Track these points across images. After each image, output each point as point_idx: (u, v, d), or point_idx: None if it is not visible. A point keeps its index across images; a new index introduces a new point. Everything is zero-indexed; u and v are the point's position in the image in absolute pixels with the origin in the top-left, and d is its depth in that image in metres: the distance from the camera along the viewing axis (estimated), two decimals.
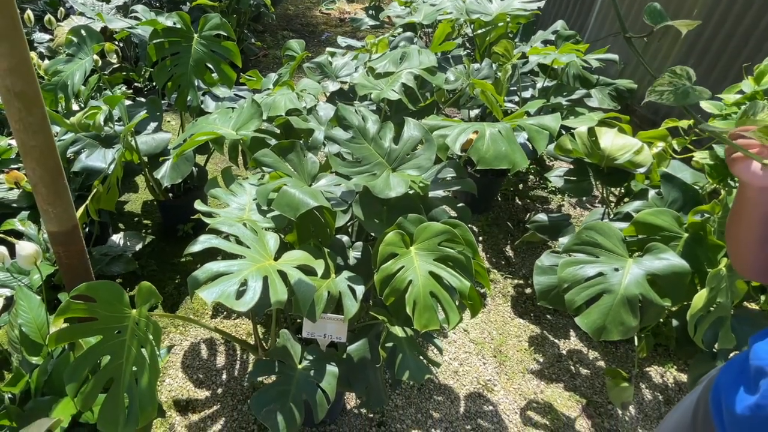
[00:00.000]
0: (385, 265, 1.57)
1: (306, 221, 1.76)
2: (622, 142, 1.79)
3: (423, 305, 1.53)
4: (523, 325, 2.80)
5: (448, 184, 1.77)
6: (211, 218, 1.65)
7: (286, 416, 1.62)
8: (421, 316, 1.53)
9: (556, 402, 2.42)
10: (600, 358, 2.64)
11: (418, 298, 1.53)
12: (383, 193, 1.57)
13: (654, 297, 1.76)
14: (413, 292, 1.54)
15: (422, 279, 1.55)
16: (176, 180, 2.52)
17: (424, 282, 1.55)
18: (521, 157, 1.65)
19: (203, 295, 1.27)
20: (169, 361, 2.46)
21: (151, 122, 2.63)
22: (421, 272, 1.56)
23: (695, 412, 1.15)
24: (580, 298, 1.83)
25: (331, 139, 1.77)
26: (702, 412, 1.12)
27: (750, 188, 0.99)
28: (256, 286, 1.32)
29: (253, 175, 2.04)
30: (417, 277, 1.56)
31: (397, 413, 2.31)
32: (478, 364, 2.58)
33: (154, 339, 1.33)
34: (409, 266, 1.57)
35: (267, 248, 1.53)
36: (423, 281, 1.55)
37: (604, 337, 1.80)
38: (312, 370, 1.71)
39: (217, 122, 2.26)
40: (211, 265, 1.40)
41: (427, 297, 1.54)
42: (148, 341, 1.33)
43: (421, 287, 1.54)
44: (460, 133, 1.71)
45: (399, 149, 1.73)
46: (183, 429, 2.19)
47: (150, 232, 3.18)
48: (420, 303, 1.53)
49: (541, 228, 2.34)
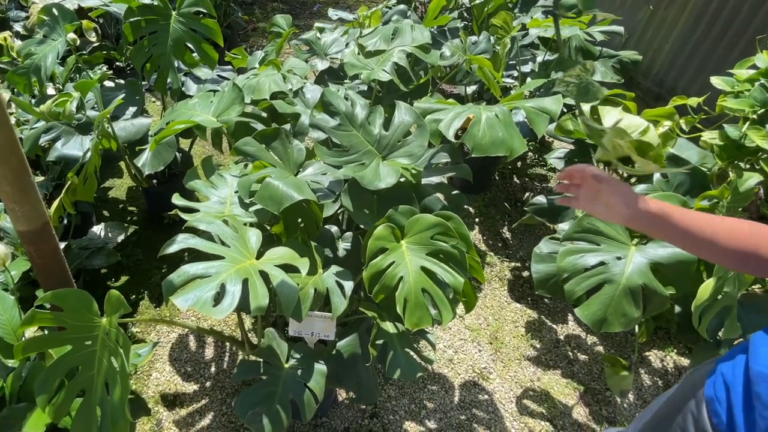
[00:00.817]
0: (374, 261, 1.48)
1: (292, 214, 1.66)
2: (627, 122, 1.68)
3: (414, 303, 1.45)
4: (520, 309, 2.73)
5: (443, 170, 1.67)
6: (190, 214, 1.55)
7: (273, 418, 1.54)
8: (412, 315, 1.45)
9: (553, 389, 2.36)
10: (598, 343, 2.57)
11: (409, 296, 1.45)
12: (372, 185, 1.47)
13: (658, 287, 1.68)
14: (404, 289, 1.46)
15: (414, 275, 1.47)
16: (158, 168, 2.41)
17: (416, 278, 1.46)
18: (519, 143, 1.54)
19: (177, 302, 1.18)
20: (156, 354, 2.38)
21: (130, 106, 2.50)
22: (413, 268, 1.47)
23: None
24: (581, 289, 1.75)
25: (317, 127, 1.66)
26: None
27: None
28: (235, 290, 1.23)
29: (236, 164, 1.93)
30: (408, 273, 1.47)
31: (390, 404, 2.25)
32: (473, 352, 2.51)
33: (124, 351, 1.24)
34: (400, 262, 1.48)
35: (248, 247, 1.44)
36: (414, 277, 1.46)
37: (604, 329, 1.72)
38: (299, 369, 1.63)
39: (196, 108, 2.14)
40: (187, 267, 1.30)
41: (418, 294, 1.46)
42: (119, 353, 1.24)
43: (412, 284, 1.46)
44: (455, 118, 1.60)
45: (389, 136, 1.62)
46: (171, 425, 2.13)
47: (135, 219, 3.08)
48: (411, 300, 1.45)
49: (539, 211, 2.25)
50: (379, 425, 2.17)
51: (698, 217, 1.01)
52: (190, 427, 2.12)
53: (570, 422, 2.24)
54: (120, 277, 2.71)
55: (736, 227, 0.97)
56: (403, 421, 2.20)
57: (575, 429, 2.21)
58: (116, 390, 1.22)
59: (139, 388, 2.25)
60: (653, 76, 3.42)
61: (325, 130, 1.63)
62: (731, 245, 0.96)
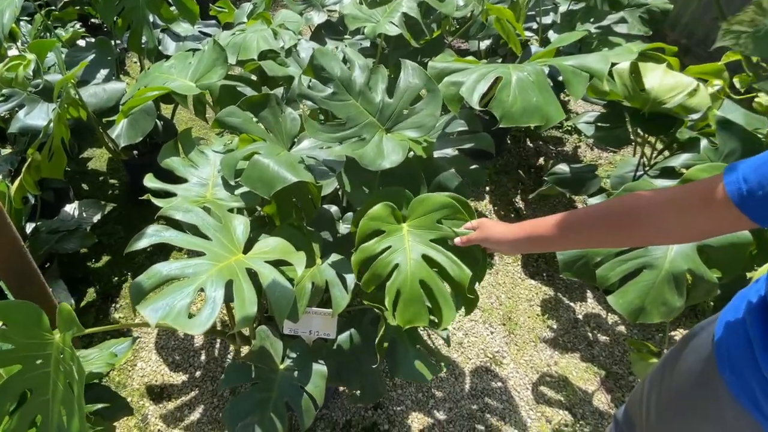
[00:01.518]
0: (366, 244, 1.24)
1: (286, 195, 1.43)
2: (673, 81, 1.44)
3: (409, 296, 1.21)
4: (535, 286, 2.53)
5: (459, 140, 1.43)
6: (164, 199, 1.32)
7: (266, 429, 1.35)
8: (405, 310, 1.21)
9: (571, 375, 2.18)
10: (620, 322, 2.38)
11: (404, 287, 1.21)
12: (375, 164, 1.22)
13: (705, 272, 1.47)
14: (398, 279, 1.22)
15: (413, 264, 1.23)
16: (135, 139, 2.15)
17: (415, 268, 1.22)
18: (556, 110, 1.29)
19: (145, 314, 0.96)
20: (141, 342, 2.19)
21: (101, 69, 2.23)
22: (413, 255, 1.23)
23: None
24: (615, 274, 1.54)
25: (306, 97, 1.40)
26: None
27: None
28: (216, 296, 1.02)
29: (219, 137, 1.69)
30: (406, 260, 1.23)
31: (396, 393, 2.07)
32: (485, 334, 2.32)
33: (79, 378, 1.03)
34: (398, 247, 1.24)
35: (234, 239, 1.21)
36: (413, 267, 1.22)
37: (641, 319, 1.52)
38: (296, 370, 1.43)
39: (173, 71, 1.87)
40: (160, 266, 1.08)
41: (415, 286, 1.22)
42: (74, 378, 1.03)
43: (409, 274, 1.22)
44: (479, 80, 1.33)
45: (394, 104, 1.36)
46: (157, 420, 1.94)
47: (117, 194, 2.83)
48: (405, 293, 1.21)
49: (561, 181, 2.02)
50: (384, 417, 1.99)
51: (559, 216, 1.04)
52: (178, 422, 1.94)
53: (590, 410, 2.06)
54: (101, 257, 2.48)
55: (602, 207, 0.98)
56: (410, 412, 2.02)
57: (596, 418, 2.04)
58: (74, 421, 1.01)
59: (123, 381, 2.06)
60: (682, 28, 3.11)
61: (316, 101, 1.37)
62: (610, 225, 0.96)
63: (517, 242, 1.11)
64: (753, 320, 0.95)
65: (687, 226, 0.87)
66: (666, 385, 1.23)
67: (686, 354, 1.17)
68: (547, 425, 2.01)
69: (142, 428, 1.92)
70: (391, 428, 1.96)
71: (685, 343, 1.20)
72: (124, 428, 1.91)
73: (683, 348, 1.19)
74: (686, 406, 1.14)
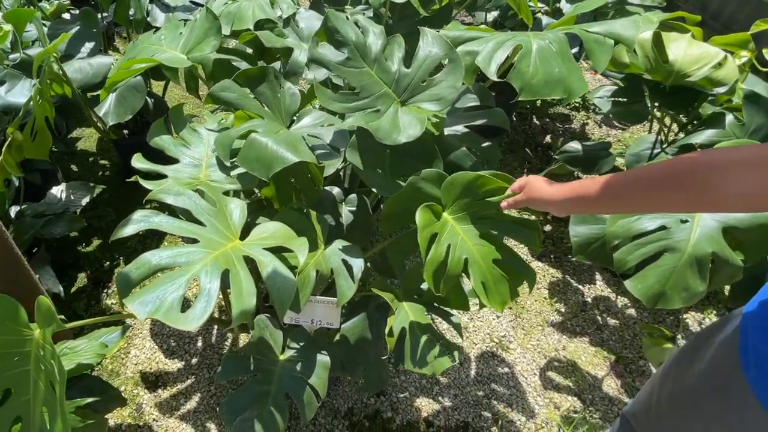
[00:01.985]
0: (431, 255, 1.17)
1: (286, 177, 1.33)
2: (699, 52, 1.34)
3: (492, 279, 1.20)
4: (542, 269, 2.45)
5: (471, 116, 1.33)
6: (154, 181, 1.22)
7: (266, 423, 1.27)
8: (495, 294, 1.21)
9: (580, 359, 2.12)
10: (630, 305, 2.31)
11: (484, 275, 1.19)
12: (390, 138, 1.13)
13: (730, 255, 1.39)
14: (475, 270, 1.18)
15: (477, 249, 1.20)
16: (124, 117, 2.04)
17: (481, 251, 1.20)
18: (579, 82, 1.19)
19: (133, 309, 0.87)
20: (135, 329, 2.10)
21: (87, 42, 2.10)
22: (473, 241, 1.20)
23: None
24: (634, 258, 1.46)
25: (318, 62, 1.29)
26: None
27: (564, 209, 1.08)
28: (212, 287, 0.93)
29: (213, 114, 1.58)
30: (470, 249, 1.19)
31: (399, 380, 2.00)
32: (490, 318, 2.25)
33: (60, 378, 0.94)
34: (455, 241, 1.19)
35: (230, 224, 1.12)
36: (479, 251, 1.20)
37: (661, 305, 1.45)
38: (298, 362, 1.35)
39: (162, 42, 1.75)
40: (150, 255, 0.99)
41: (492, 268, 1.20)
42: (57, 381, 0.94)
43: (480, 260, 1.19)
44: (496, 49, 1.22)
45: (411, 74, 1.25)
46: (152, 409, 1.87)
47: (108, 175, 2.72)
48: (488, 279, 1.19)
49: (572, 159, 1.92)
50: (387, 404, 1.92)
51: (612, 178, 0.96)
52: (174, 411, 1.87)
53: (600, 396, 2.00)
54: (91, 241, 2.38)
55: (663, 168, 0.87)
56: (414, 399, 1.95)
57: (606, 404, 1.98)
58: (57, 423, 0.92)
59: (116, 369, 1.98)
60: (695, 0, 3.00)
61: (329, 67, 1.26)
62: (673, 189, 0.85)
63: (564, 203, 1.05)
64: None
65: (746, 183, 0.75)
66: (681, 380, 1.16)
67: (707, 349, 1.10)
68: (556, 411, 1.94)
69: (136, 418, 1.84)
70: (395, 416, 1.89)
71: (706, 337, 1.12)
72: (118, 418, 1.84)
73: (704, 342, 1.12)
74: (701, 403, 1.07)
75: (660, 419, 1.22)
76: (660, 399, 1.21)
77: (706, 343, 1.11)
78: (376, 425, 1.86)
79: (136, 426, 1.82)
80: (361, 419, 1.87)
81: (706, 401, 1.05)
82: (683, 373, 1.15)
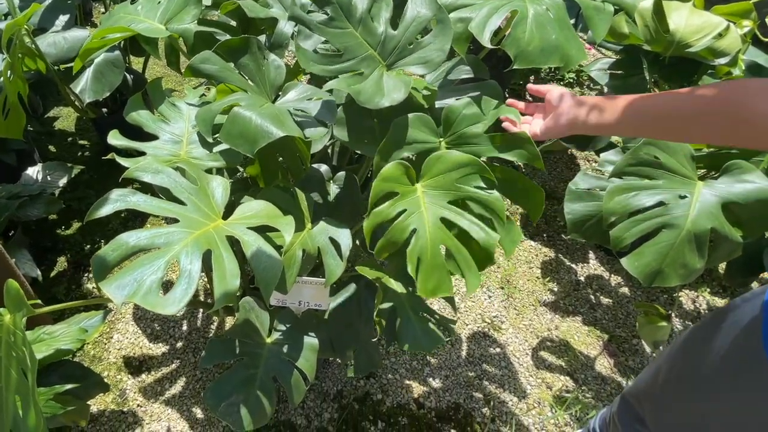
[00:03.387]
0: (379, 208, 1.11)
1: (271, 153, 1.27)
2: (700, 21, 1.29)
3: (431, 264, 1.10)
4: (535, 248, 2.41)
5: (463, 89, 1.27)
6: (131, 159, 1.16)
7: (253, 408, 1.23)
8: (428, 279, 1.10)
9: (573, 339, 2.09)
10: (623, 284, 2.29)
11: (424, 254, 1.10)
12: (372, 102, 1.07)
13: (730, 231, 1.35)
14: (417, 244, 1.10)
15: (431, 228, 1.11)
16: (102, 94, 1.96)
17: (434, 232, 1.10)
18: (578, 49, 1.13)
19: (109, 293, 0.82)
20: (118, 313, 2.04)
21: (61, 15, 2.01)
22: (430, 219, 1.11)
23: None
24: (631, 235, 1.42)
25: (299, 21, 1.22)
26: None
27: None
28: (193, 269, 0.87)
29: (194, 89, 1.51)
30: (424, 225, 1.11)
31: (389, 361, 1.96)
32: (482, 299, 2.21)
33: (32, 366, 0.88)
34: (414, 210, 1.12)
35: (212, 202, 1.06)
36: (432, 231, 1.10)
37: (658, 282, 1.41)
38: (285, 344, 1.30)
39: (140, 12, 1.67)
40: (126, 236, 0.93)
41: (436, 252, 1.10)
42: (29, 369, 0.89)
43: (428, 239, 1.10)
44: (491, 14, 1.16)
45: (398, 36, 1.18)
46: (136, 394, 1.82)
47: (87, 155, 2.63)
48: (426, 260, 1.10)
49: None
50: (377, 386, 1.89)
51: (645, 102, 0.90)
52: (158, 396, 1.82)
53: (593, 375, 1.98)
54: (71, 223, 2.31)
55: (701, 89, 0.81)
56: (404, 381, 1.92)
57: (599, 383, 1.96)
58: (30, 414, 0.87)
59: (98, 354, 1.92)
60: None
61: (310, 26, 1.19)
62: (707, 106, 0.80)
63: (620, 124, 0.94)
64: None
65: None
66: (692, 363, 1.12)
67: (722, 330, 1.05)
68: (548, 392, 1.92)
69: (119, 404, 1.80)
70: (385, 398, 1.86)
71: (721, 317, 1.08)
72: (101, 404, 1.79)
73: (718, 323, 1.08)
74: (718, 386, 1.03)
75: (667, 401, 1.19)
76: (668, 380, 1.17)
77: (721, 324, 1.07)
78: (366, 407, 1.83)
79: (119, 412, 1.78)
80: (351, 401, 1.84)
81: (725, 382, 1.02)
82: (694, 355, 1.11)
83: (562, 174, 2.70)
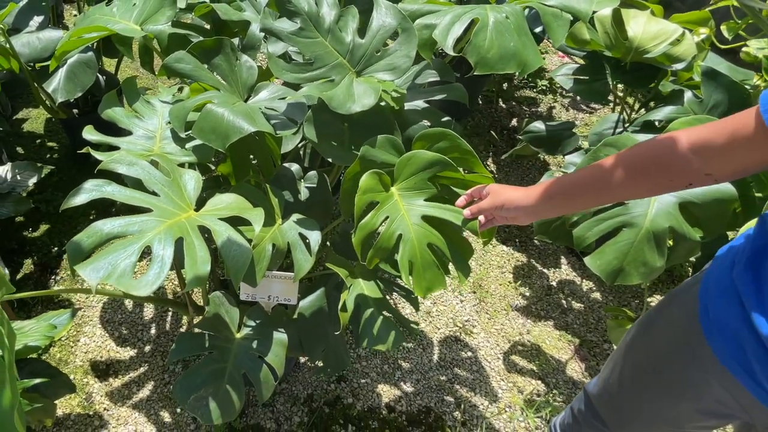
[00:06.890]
0: (364, 221, 1.15)
1: (242, 150, 1.30)
2: (657, 28, 1.35)
3: (422, 263, 1.16)
4: (507, 253, 2.45)
5: (431, 91, 1.31)
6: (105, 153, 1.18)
7: (222, 402, 1.23)
8: (421, 278, 1.16)
9: (544, 343, 2.12)
10: (595, 289, 2.33)
11: (414, 256, 1.15)
12: (344, 107, 1.11)
13: (688, 230, 1.40)
14: (406, 249, 1.15)
15: (415, 229, 1.16)
16: (75, 94, 1.96)
17: (418, 232, 1.16)
18: (534, 56, 1.17)
19: (85, 275, 0.84)
20: (84, 316, 2.02)
21: (35, 15, 2.01)
22: (412, 220, 1.17)
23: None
24: (593, 234, 1.46)
25: (270, 32, 1.26)
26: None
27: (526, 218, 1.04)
28: (165, 254, 0.90)
29: (168, 88, 1.52)
30: (407, 227, 1.16)
31: (360, 365, 1.96)
32: (454, 303, 2.23)
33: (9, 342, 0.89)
34: (395, 215, 1.17)
35: (185, 195, 1.08)
36: (417, 232, 1.16)
37: (620, 280, 1.45)
38: (254, 340, 1.31)
39: (115, 13, 1.69)
40: (101, 224, 0.95)
41: (425, 252, 1.16)
42: (5, 345, 0.89)
43: (415, 240, 1.15)
44: (454, 22, 1.20)
45: (366, 44, 1.23)
46: (103, 398, 1.79)
47: (56, 157, 2.61)
48: (417, 261, 1.16)
49: (536, 140, 1.92)
50: (348, 390, 1.89)
51: (582, 172, 0.95)
52: (126, 400, 1.79)
53: (564, 379, 2.01)
54: (38, 226, 2.28)
55: (623, 155, 0.89)
56: (375, 385, 1.92)
57: (570, 387, 1.99)
58: (5, 395, 0.87)
59: (65, 357, 1.89)
60: None
61: (281, 37, 1.23)
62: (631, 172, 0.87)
63: (537, 207, 0.99)
64: (740, 273, 0.88)
65: (723, 161, 0.78)
66: (642, 353, 1.17)
67: (666, 320, 1.10)
68: (519, 395, 1.94)
69: (86, 407, 1.76)
70: (356, 401, 1.86)
71: (664, 307, 1.13)
72: (67, 407, 1.76)
73: (662, 313, 1.13)
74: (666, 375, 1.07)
75: (622, 391, 1.22)
76: (623, 371, 1.21)
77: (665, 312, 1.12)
78: (336, 411, 1.83)
79: (85, 415, 1.75)
80: (321, 405, 1.83)
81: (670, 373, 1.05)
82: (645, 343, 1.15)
83: (536, 179, 2.75)
